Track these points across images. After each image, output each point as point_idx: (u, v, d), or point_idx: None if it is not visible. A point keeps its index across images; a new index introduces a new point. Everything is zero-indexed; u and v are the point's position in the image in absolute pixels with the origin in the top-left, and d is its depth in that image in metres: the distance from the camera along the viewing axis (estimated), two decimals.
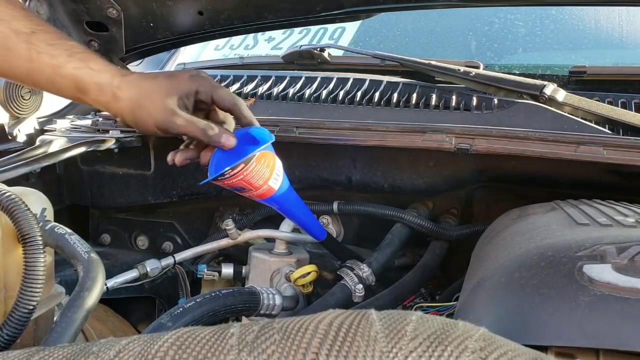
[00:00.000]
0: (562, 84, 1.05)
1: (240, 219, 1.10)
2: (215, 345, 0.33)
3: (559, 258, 0.44)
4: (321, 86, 1.06)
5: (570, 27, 1.33)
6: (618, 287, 0.38)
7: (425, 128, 0.85)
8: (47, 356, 0.36)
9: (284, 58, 1.26)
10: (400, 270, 0.98)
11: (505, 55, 1.31)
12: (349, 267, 0.88)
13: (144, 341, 0.34)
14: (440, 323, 0.32)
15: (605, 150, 0.76)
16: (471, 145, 0.82)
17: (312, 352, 0.30)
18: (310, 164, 1.01)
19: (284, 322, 0.34)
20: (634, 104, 0.97)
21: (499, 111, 0.90)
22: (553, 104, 0.89)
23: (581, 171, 0.81)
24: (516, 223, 0.65)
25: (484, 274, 0.52)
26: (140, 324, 1.15)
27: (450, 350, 0.30)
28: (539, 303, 0.41)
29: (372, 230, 1.05)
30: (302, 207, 0.85)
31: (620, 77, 1.08)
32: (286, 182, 0.77)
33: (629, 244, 0.44)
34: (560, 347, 0.37)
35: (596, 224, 0.54)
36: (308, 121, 0.93)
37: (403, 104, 0.97)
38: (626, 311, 0.37)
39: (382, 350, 0.30)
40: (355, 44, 1.43)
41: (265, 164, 0.73)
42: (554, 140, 0.79)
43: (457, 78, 0.99)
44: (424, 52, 1.34)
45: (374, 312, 0.33)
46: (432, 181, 0.96)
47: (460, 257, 0.87)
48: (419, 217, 0.95)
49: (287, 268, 0.92)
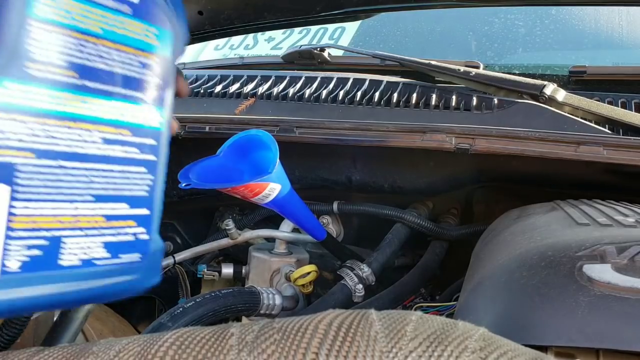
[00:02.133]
0: (562, 83, 1.05)
1: (240, 218, 1.10)
2: (215, 345, 0.33)
3: (559, 258, 0.44)
4: (321, 86, 1.06)
5: (570, 27, 1.33)
6: (618, 287, 0.38)
7: (425, 128, 0.85)
8: (47, 356, 0.36)
9: (283, 58, 1.26)
10: (400, 270, 0.98)
11: (505, 55, 1.31)
12: (348, 267, 0.88)
13: (144, 341, 0.34)
14: (440, 323, 0.32)
15: (605, 150, 0.76)
16: (471, 145, 0.82)
17: (312, 352, 0.30)
18: (310, 163, 1.01)
19: (283, 322, 0.34)
20: (634, 103, 0.97)
21: (499, 111, 0.90)
22: (553, 104, 0.89)
23: (581, 171, 0.81)
24: (516, 223, 0.65)
25: (484, 274, 0.52)
26: (140, 324, 1.15)
27: (450, 350, 0.30)
28: (539, 303, 0.41)
29: (372, 230, 1.05)
30: (302, 207, 0.85)
31: (621, 77, 1.08)
32: (286, 185, 0.77)
33: (629, 244, 0.44)
34: (560, 347, 0.37)
35: (596, 223, 0.54)
36: (308, 121, 0.93)
37: (403, 104, 0.97)
38: (626, 311, 0.37)
39: (382, 350, 0.30)
40: (355, 44, 1.43)
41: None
42: (554, 140, 0.79)
43: (457, 78, 0.99)
44: (424, 52, 1.34)
45: (374, 312, 0.33)
46: (432, 181, 0.96)
47: (460, 257, 0.87)
48: (419, 217, 0.95)
49: (287, 268, 0.92)
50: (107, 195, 0.41)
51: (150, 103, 0.44)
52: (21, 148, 0.36)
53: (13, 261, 0.36)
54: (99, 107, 0.40)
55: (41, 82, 0.37)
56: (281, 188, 0.75)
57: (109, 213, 0.41)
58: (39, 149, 0.37)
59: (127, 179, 0.42)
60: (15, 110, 0.36)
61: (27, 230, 0.37)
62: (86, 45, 0.39)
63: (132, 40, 0.42)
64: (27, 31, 0.36)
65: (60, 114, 0.38)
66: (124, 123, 0.42)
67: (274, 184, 0.73)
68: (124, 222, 0.42)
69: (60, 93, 0.38)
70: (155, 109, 0.44)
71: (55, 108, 0.38)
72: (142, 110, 0.43)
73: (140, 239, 0.43)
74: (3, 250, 0.36)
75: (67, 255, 0.39)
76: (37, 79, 0.37)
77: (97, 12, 0.40)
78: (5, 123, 0.35)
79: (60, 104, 0.38)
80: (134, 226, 0.43)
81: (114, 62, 0.41)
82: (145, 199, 0.44)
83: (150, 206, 0.44)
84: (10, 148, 0.36)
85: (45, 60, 0.37)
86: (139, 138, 0.43)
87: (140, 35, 0.43)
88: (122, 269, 0.38)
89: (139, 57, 0.43)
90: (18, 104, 0.36)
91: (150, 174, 0.44)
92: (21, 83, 0.36)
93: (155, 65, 0.44)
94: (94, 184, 0.40)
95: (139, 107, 0.43)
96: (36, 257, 0.38)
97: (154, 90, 0.44)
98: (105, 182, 0.41)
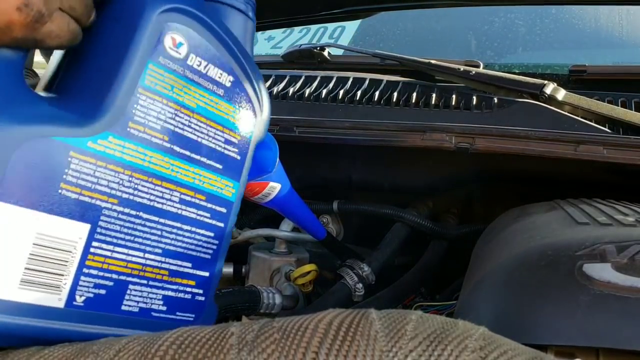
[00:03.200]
0: (562, 83, 1.05)
1: (240, 218, 1.10)
2: (215, 345, 0.33)
3: (559, 257, 0.44)
4: (321, 85, 1.06)
5: (571, 26, 1.33)
6: (618, 286, 0.38)
7: (425, 127, 0.85)
8: (48, 355, 0.36)
9: (283, 57, 1.26)
10: (400, 270, 0.98)
11: (505, 54, 1.31)
12: (348, 266, 0.88)
13: (144, 340, 0.34)
14: (440, 322, 0.32)
15: (605, 149, 0.76)
16: (471, 145, 0.82)
17: (312, 351, 0.30)
18: (310, 163, 1.00)
19: (283, 321, 0.34)
20: (634, 102, 0.96)
21: (499, 110, 0.90)
22: (553, 103, 0.89)
23: (581, 170, 0.81)
24: (516, 222, 0.65)
25: (483, 273, 0.52)
26: None
27: (450, 349, 0.30)
28: (539, 302, 0.41)
29: (372, 229, 1.05)
30: (302, 206, 0.85)
31: (621, 76, 1.08)
32: (286, 184, 0.77)
33: (629, 243, 0.44)
34: (560, 346, 0.37)
35: (596, 223, 0.54)
36: (308, 120, 0.93)
37: (403, 103, 0.97)
38: (626, 310, 0.37)
39: (382, 350, 0.30)
40: (355, 43, 1.43)
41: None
42: (554, 139, 0.79)
43: (457, 77, 0.99)
44: (424, 51, 1.34)
45: (374, 311, 0.33)
46: (432, 180, 0.95)
47: (460, 257, 0.87)
48: (419, 217, 0.95)
49: (287, 267, 0.92)
50: (175, 251, 0.45)
51: (227, 175, 0.49)
52: (109, 194, 0.41)
53: (80, 296, 0.40)
54: (182, 170, 0.45)
55: (138, 141, 0.43)
56: (281, 187, 0.75)
57: (173, 269, 0.45)
58: (123, 197, 0.42)
59: (194, 240, 0.46)
60: (112, 161, 0.41)
61: (99, 269, 0.41)
62: (181, 115, 0.45)
63: (220, 118, 0.48)
64: (135, 97, 0.42)
65: (148, 170, 0.43)
66: (201, 188, 0.47)
67: (273, 183, 0.73)
68: (185, 281, 0.46)
69: (152, 153, 0.44)
70: (230, 181, 0.49)
71: (145, 165, 0.43)
72: (219, 180, 0.48)
73: (197, 300, 0.47)
74: (76, 285, 0.40)
75: (129, 301, 0.42)
76: (135, 137, 0.42)
77: (195, 89, 0.46)
78: (101, 170, 0.41)
79: (150, 162, 0.44)
80: (193, 286, 0.46)
81: (202, 134, 0.46)
82: (207, 261, 0.47)
83: (211, 270, 0.48)
84: (100, 192, 0.41)
85: (144, 122, 0.43)
86: (211, 204, 0.47)
87: (228, 115, 0.49)
88: (173, 326, 0.39)
89: (224, 134, 0.48)
90: (115, 156, 0.41)
91: (216, 239, 0.48)
92: (121, 139, 0.42)
93: (236, 142, 0.50)
94: (164, 239, 0.44)
95: (217, 176, 0.48)
96: (101, 297, 0.41)
97: (232, 164, 0.49)
98: (175, 238, 0.45)
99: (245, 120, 0.51)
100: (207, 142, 0.47)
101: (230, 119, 0.49)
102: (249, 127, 0.51)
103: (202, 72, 0.46)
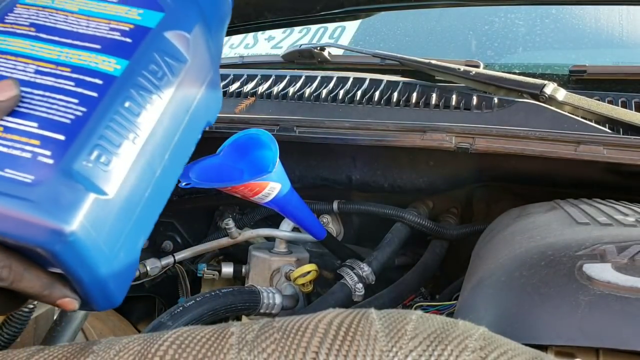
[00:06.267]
0: (563, 83, 1.05)
1: (240, 218, 1.10)
2: (215, 345, 0.33)
3: (559, 257, 0.44)
4: (321, 85, 1.06)
5: (571, 26, 1.33)
6: (618, 286, 0.38)
7: (425, 127, 0.85)
8: (47, 355, 0.36)
9: (284, 57, 1.26)
10: (400, 270, 0.99)
11: (505, 54, 1.31)
12: (349, 266, 0.88)
13: (144, 340, 0.34)
14: (440, 322, 0.32)
15: (605, 149, 0.76)
16: (471, 145, 0.82)
17: (312, 351, 0.30)
18: (310, 163, 1.00)
19: (284, 321, 0.34)
20: (634, 103, 0.97)
21: (499, 110, 0.90)
22: (553, 103, 0.89)
23: (581, 170, 0.81)
24: (516, 222, 0.65)
25: (484, 273, 0.52)
26: (140, 323, 1.15)
27: (450, 349, 0.30)
28: (539, 302, 0.41)
29: (372, 229, 1.05)
30: (302, 206, 0.85)
31: (621, 77, 1.08)
32: (286, 184, 0.77)
33: (629, 243, 0.44)
34: (560, 346, 0.37)
35: (596, 223, 0.54)
36: (308, 120, 0.93)
37: (403, 103, 0.97)
38: (626, 310, 0.37)
39: (382, 350, 0.30)
40: (355, 43, 1.43)
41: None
42: (554, 139, 0.79)
43: (457, 77, 0.99)
44: (424, 51, 1.34)
45: (374, 311, 0.33)
46: (432, 180, 0.95)
47: (460, 257, 0.87)
48: (419, 217, 0.95)
49: (287, 267, 0.92)
50: (16, 111, 0.44)
51: (108, 53, 0.49)
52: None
53: None
54: (46, 50, 0.47)
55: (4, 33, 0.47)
56: (281, 187, 0.75)
57: (9, 125, 0.43)
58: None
59: (47, 104, 0.45)
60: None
61: None
62: (56, 15, 0.48)
63: (104, 15, 0.50)
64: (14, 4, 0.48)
65: (6, 51, 0.46)
66: (65, 62, 0.47)
67: (274, 183, 0.73)
68: (24, 139, 0.43)
69: (13, 39, 0.47)
70: (113, 58, 0.48)
71: (2, 47, 0.46)
72: (94, 56, 0.48)
73: (40, 161, 0.42)
74: None
75: None
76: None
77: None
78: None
79: (8, 44, 0.47)
80: (36, 145, 0.43)
81: (76, 25, 0.49)
82: (64, 125, 0.44)
83: (70, 135, 0.44)
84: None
85: (14, 22, 0.47)
86: (77, 75, 0.47)
87: (118, 13, 0.50)
88: (2, 183, 0.40)
89: (109, 25, 0.50)
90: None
91: (82, 106, 0.45)
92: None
93: (127, 30, 0.50)
94: None
95: (91, 54, 0.48)
96: None
97: (116, 45, 0.49)
98: (22, 100, 0.45)
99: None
100: (83, 30, 0.49)
101: (117, 14, 0.50)
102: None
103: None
